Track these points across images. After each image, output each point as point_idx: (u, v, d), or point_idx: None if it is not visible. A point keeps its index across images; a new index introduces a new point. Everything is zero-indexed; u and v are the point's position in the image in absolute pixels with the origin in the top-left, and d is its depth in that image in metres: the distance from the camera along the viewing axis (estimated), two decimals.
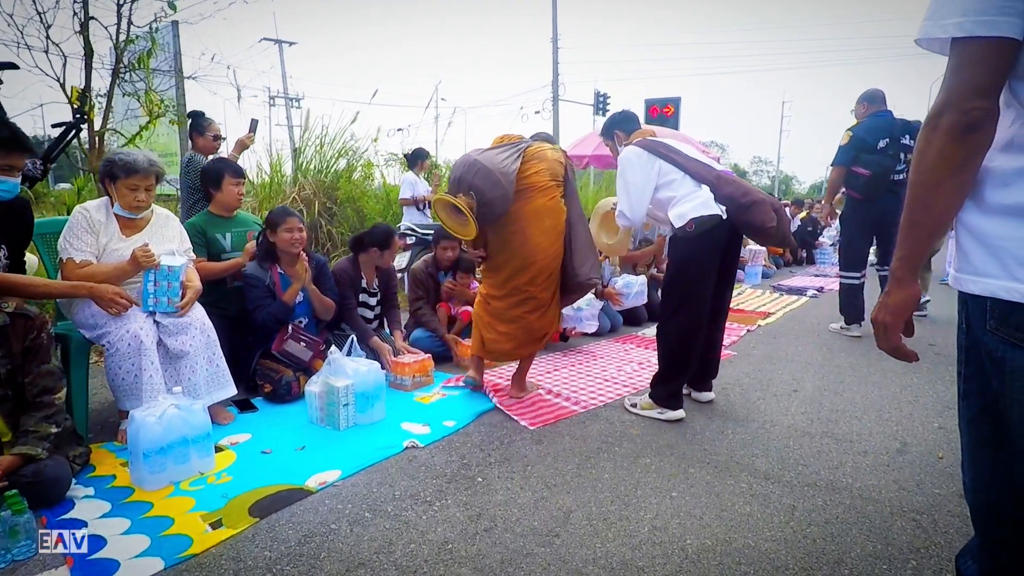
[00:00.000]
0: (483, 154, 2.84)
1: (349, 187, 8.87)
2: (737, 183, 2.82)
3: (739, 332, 4.77)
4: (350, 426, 2.73)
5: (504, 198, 2.77)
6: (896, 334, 1.14)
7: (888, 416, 2.94)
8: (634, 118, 3.23)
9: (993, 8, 0.89)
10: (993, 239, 0.98)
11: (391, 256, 3.68)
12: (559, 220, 2.92)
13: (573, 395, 3.19)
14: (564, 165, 2.99)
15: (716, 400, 3.11)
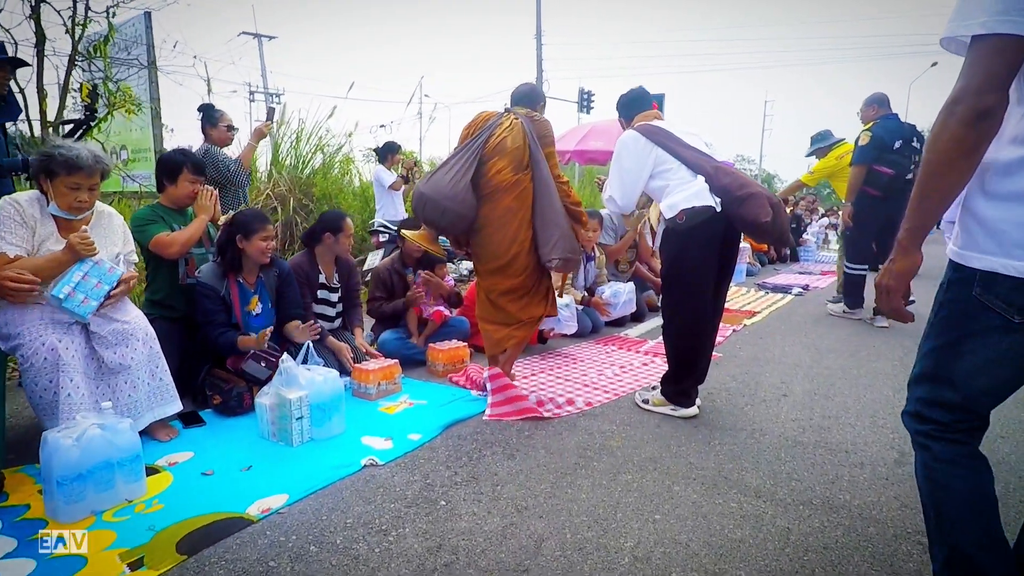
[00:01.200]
0: (430, 180, 2.80)
1: (325, 184, 8.59)
2: (735, 175, 2.64)
3: (724, 332, 4.59)
4: (304, 442, 2.50)
5: (459, 219, 2.76)
6: (898, 297, 1.30)
7: (883, 422, 2.77)
8: (642, 98, 3.01)
9: (1012, 9, 1.02)
10: (994, 222, 1.15)
11: (347, 241, 3.42)
12: (527, 212, 2.85)
13: (549, 401, 2.98)
14: (526, 144, 2.81)
15: (702, 406, 2.92)
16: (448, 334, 3.81)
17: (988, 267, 1.16)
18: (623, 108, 3.04)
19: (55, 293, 2.13)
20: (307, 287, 3.32)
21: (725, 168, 2.64)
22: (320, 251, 3.43)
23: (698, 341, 2.78)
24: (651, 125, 2.78)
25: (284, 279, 3.08)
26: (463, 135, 2.92)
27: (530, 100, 3.01)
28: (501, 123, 2.84)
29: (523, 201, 2.82)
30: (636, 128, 2.78)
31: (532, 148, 2.82)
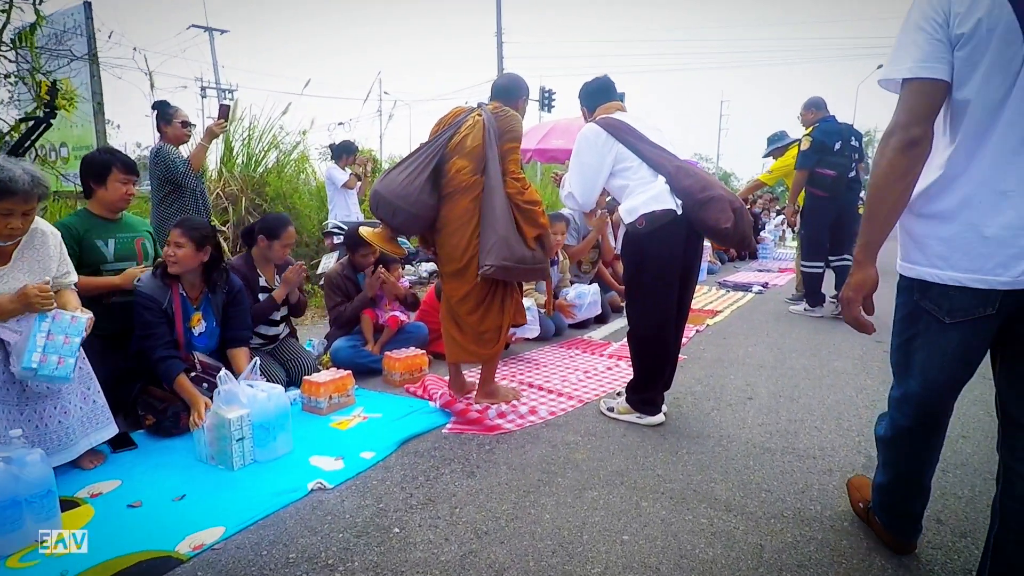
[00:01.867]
0: (384, 179, 2.71)
1: (280, 183, 8.28)
2: (697, 176, 2.54)
3: (688, 333, 4.54)
4: (246, 465, 2.30)
5: (411, 219, 2.69)
6: (857, 308, 1.44)
7: (848, 424, 2.74)
8: (607, 88, 2.87)
9: (930, 58, 1.25)
10: (921, 237, 1.37)
11: (282, 250, 3.21)
12: None
13: (512, 411, 2.85)
14: (483, 143, 2.67)
15: (669, 412, 2.84)
16: (405, 341, 3.64)
17: (919, 276, 1.39)
18: (587, 97, 2.90)
19: (26, 366, 1.92)
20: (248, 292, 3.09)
21: (687, 168, 2.55)
22: (256, 253, 3.22)
23: (663, 348, 2.69)
24: (613, 118, 2.66)
25: (233, 297, 2.84)
26: (433, 130, 2.81)
27: (509, 93, 2.87)
28: (467, 120, 2.73)
29: (479, 204, 2.70)
30: (597, 121, 2.66)
31: (487, 147, 2.68)
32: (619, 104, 2.83)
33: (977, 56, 1.23)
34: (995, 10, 1.18)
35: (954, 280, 1.32)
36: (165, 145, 3.68)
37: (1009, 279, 1.26)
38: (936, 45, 1.26)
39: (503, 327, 2.87)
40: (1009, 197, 1.25)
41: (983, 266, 1.28)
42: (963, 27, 1.22)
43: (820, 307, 5.30)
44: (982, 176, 1.28)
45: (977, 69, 1.24)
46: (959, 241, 1.30)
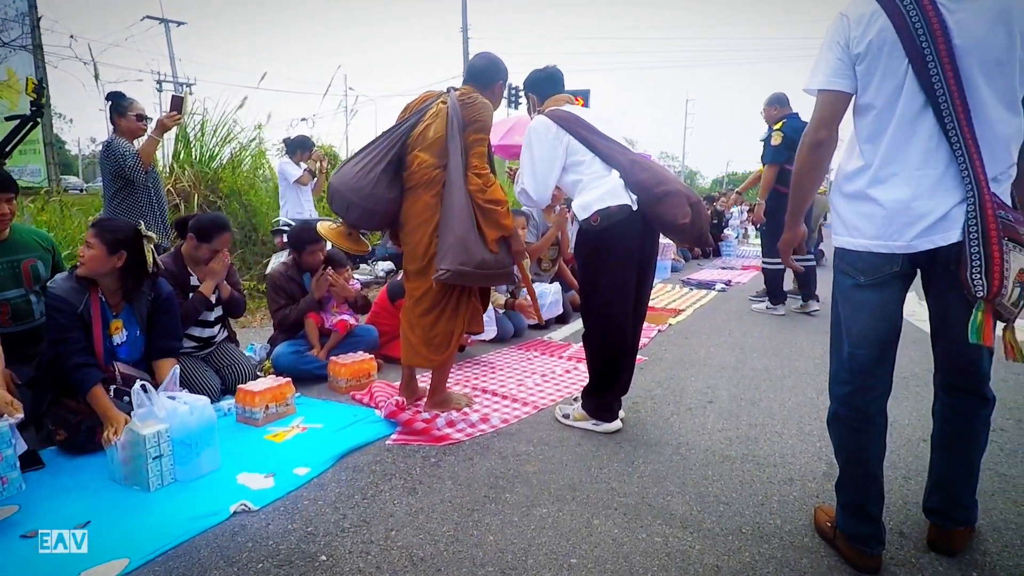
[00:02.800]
0: (340, 171, 2.57)
1: (234, 179, 7.95)
2: (653, 170, 2.42)
3: (650, 333, 4.45)
4: (165, 485, 2.10)
5: (367, 215, 2.55)
6: (788, 254, 1.88)
7: (809, 428, 2.66)
8: (556, 79, 2.74)
9: (837, 74, 1.54)
10: (843, 213, 1.63)
11: (211, 254, 2.95)
12: None
13: (462, 419, 2.69)
14: (445, 134, 2.48)
15: (627, 418, 2.72)
16: (354, 345, 3.45)
17: (841, 244, 1.65)
18: (534, 86, 2.75)
19: None
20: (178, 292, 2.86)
21: (642, 162, 2.43)
22: (186, 250, 2.99)
23: (620, 350, 2.57)
24: (562, 110, 2.54)
25: (160, 305, 2.60)
26: (400, 117, 2.65)
27: (484, 76, 2.65)
28: (431, 108, 2.56)
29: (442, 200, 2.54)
30: (547, 113, 2.53)
31: (449, 138, 2.48)
32: (568, 97, 2.69)
33: (872, 68, 1.51)
34: (882, 32, 1.48)
35: (864, 247, 1.57)
36: (117, 138, 3.48)
37: (904, 243, 1.52)
38: (840, 63, 1.55)
39: (455, 333, 2.69)
40: (900, 180, 1.52)
41: (883, 233, 1.54)
42: (859, 47, 1.51)
43: (782, 305, 5.28)
44: (881, 164, 1.54)
45: (873, 79, 1.52)
46: (866, 214, 1.57)
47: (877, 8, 1.47)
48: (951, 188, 1.46)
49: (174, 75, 24.91)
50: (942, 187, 1.47)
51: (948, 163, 1.46)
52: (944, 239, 1.47)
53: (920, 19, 1.42)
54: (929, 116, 1.47)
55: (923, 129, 1.48)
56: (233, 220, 7.40)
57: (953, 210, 1.46)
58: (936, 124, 1.46)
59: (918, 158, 1.49)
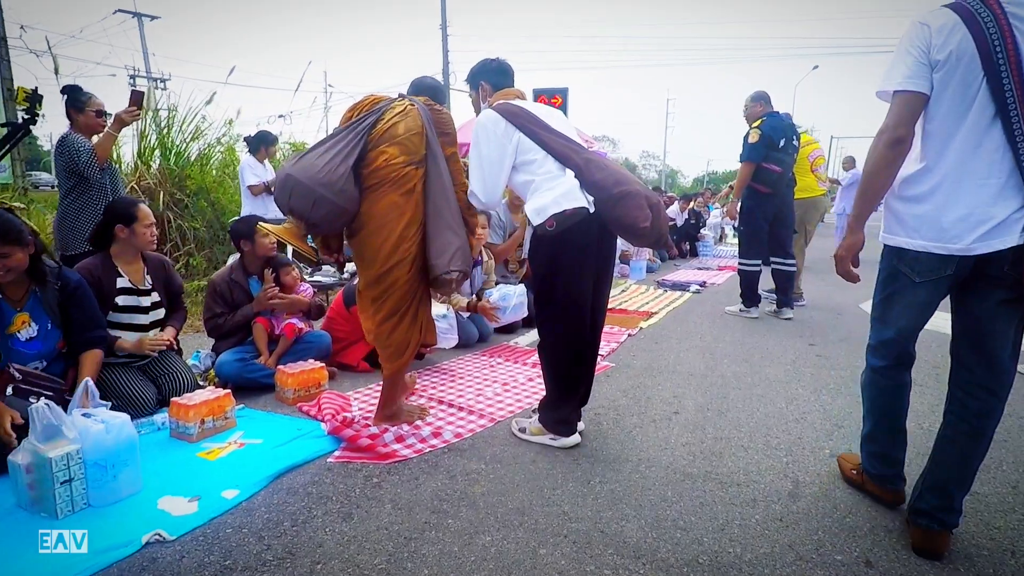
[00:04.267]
0: (300, 161, 2.30)
1: (202, 176, 7.69)
2: (609, 169, 2.25)
3: (619, 337, 4.33)
4: (75, 512, 1.92)
5: (336, 213, 2.31)
6: (848, 263, 1.85)
7: (777, 442, 2.54)
8: (506, 71, 2.57)
9: (916, 76, 1.64)
10: (901, 214, 1.74)
11: (146, 231, 2.78)
12: (418, 214, 2.42)
13: (412, 433, 2.53)
14: (423, 132, 2.41)
15: (588, 431, 2.59)
16: (304, 352, 3.27)
17: (898, 244, 1.75)
18: (487, 75, 2.55)
19: None
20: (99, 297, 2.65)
21: (597, 161, 2.27)
22: (117, 250, 2.79)
23: (578, 361, 2.43)
24: (511, 104, 2.37)
25: (71, 295, 2.44)
26: (345, 117, 2.46)
27: (438, 93, 2.61)
28: (393, 107, 2.42)
29: (412, 200, 2.40)
30: (495, 107, 2.36)
31: (430, 139, 2.41)
32: (518, 92, 2.52)
33: (949, 77, 1.60)
34: (962, 44, 1.57)
35: (923, 247, 1.68)
36: (72, 134, 3.31)
37: (962, 246, 1.62)
38: (920, 67, 1.63)
39: (412, 343, 2.55)
40: (964, 186, 1.62)
41: (944, 236, 1.64)
42: (940, 55, 1.60)
43: (755, 308, 5.17)
44: (947, 170, 1.64)
45: (948, 87, 1.61)
46: (929, 218, 1.66)
47: (958, 21, 1.58)
48: (1012, 196, 1.57)
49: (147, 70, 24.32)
50: (1004, 195, 1.58)
51: (1011, 173, 1.57)
52: (1003, 243, 1.58)
53: (998, 35, 1.54)
54: (998, 127, 1.57)
55: (991, 139, 1.58)
56: (201, 218, 7.17)
57: (1012, 216, 1.57)
58: (1004, 135, 1.56)
59: (984, 167, 1.59)
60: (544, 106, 2.47)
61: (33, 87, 4.06)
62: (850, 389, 3.23)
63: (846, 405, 2.98)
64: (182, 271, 6.60)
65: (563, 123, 2.41)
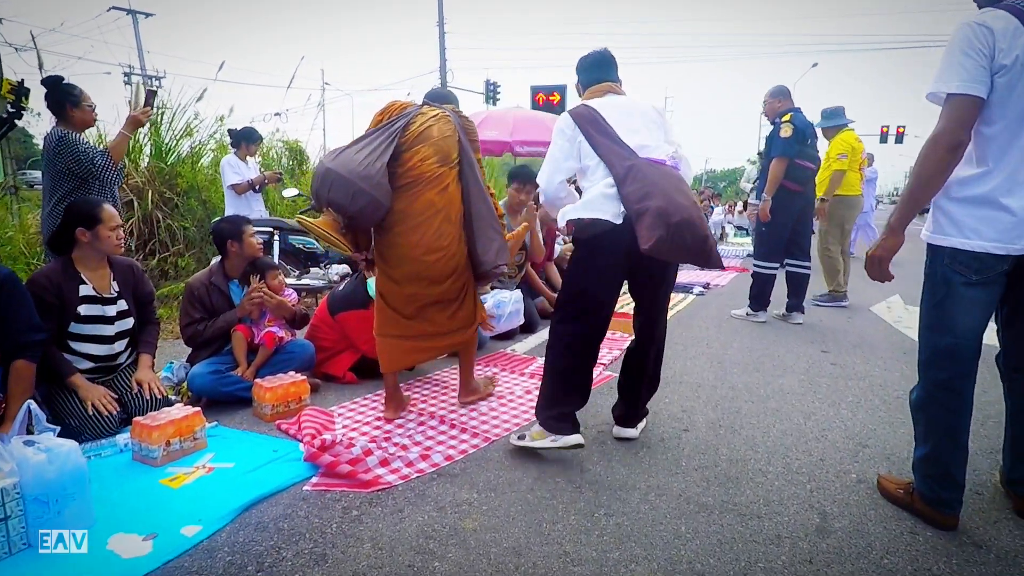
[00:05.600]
0: (339, 156, 2.39)
1: (193, 174, 7.47)
2: (644, 181, 2.12)
3: (621, 344, 4.10)
4: (12, 553, 1.69)
5: (373, 206, 2.40)
6: (887, 265, 1.83)
7: (798, 464, 2.32)
8: (597, 65, 2.50)
9: (973, 79, 1.60)
10: (955, 216, 1.72)
11: (110, 235, 2.56)
12: (453, 211, 2.56)
13: (398, 455, 2.31)
14: (457, 137, 2.56)
15: (590, 455, 2.37)
16: (285, 363, 3.05)
17: (951, 245, 1.71)
18: (579, 72, 2.56)
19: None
20: (59, 306, 2.43)
21: (639, 171, 2.15)
22: (80, 256, 2.57)
23: (583, 360, 2.39)
24: (586, 106, 2.34)
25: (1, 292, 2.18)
26: (375, 120, 2.57)
27: (448, 100, 2.73)
28: (424, 112, 2.55)
29: (447, 198, 2.53)
30: (572, 109, 2.37)
31: (464, 145, 2.57)
32: (611, 85, 2.45)
33: (1013, 81, 1.59)
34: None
35: (982, 248, 1.67)
36: (70, 132, 3.14)
37: (1021, 247, 1.64)
38: (980, 71, 1.59)
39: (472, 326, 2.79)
40: None
41: (1005, 236, 1.65)
42: (1006, 59, 1.58)
43: (764, 312, 4.94)
44: (1008, 171, 1.64)
45: (1013, 91, 1.60)
46: (990, 219, 1.66)
47: (1019, 24, 1.58)
48: None
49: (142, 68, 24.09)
50: None
51: None
52: None
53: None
54: None
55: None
56: (191, 218, 6.94)
57: None
58: None
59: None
60: (624, 103, 2.38)
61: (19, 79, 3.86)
62: (870, 402, 3.01)
63: (868, 421, 2.76)
64: (171, 272, 6.38)
65: (633, 122, 2.30)
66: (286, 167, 10.58)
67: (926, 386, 1.82)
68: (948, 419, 1.79)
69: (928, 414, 1.83)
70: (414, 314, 2.63)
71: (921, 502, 1.89)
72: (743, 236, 12.53)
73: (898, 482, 2.03)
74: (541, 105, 11.11)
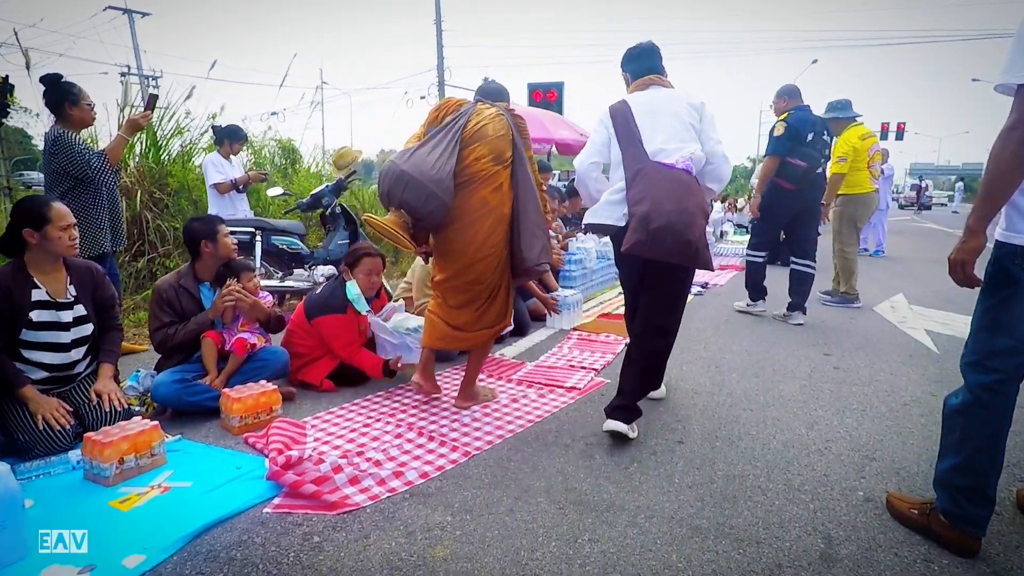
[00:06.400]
0: (411, 158, 2.43)
1: (184, 173, 7.31)
2: (642, 186, 2.31)
3: (615, 347, 3.94)
4: None
5: (442, 208, 2.46)
6: (970, 268, 1.66)
7: (800, 481, 2.15)
8: (641, 56, 2.65)
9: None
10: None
11: (61, 235, 2.39)
12: (505, 209, 2.58)
13: (370, 473, 2.15)
14: (511, 136, 2.57)
15: (576, 471, 2.21)
16: (256, 371, 2.89)
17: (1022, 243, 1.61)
18: (625, 63, 2.70)
19: None
20: (9, 312, 2.26)
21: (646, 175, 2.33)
22: (32, 258, 2.41)
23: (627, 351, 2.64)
24: (622, 103, 2.53)
25: None
26: (431, 117, 2.63)
27: (500, 96, 2.74)
28: (478, 110, 2.59)
29: (500, 197, 2.55)
30: (612, 106, 2.55)
31: (516, 143, 2.58)
32: (652, 78, 2.60)
33: None
34: None
35: None
36: (67, 131, 3.13)
37: None
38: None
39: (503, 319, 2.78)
40: None
41: None
42: None
43: (762, 301, 5.00)
44: None
45: None
46: None
47: None
48: None
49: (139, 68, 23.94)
50: None
51: None
52: None
53: None
54: None
55: None
56: (181, 218, 6.76)
57: None
58: None
59: None
60: (658, 100, 2.50)
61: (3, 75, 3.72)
62: (876, 410, 2.85)
63: (875, 431, 2.60)
64: (159, 273, 6.21)
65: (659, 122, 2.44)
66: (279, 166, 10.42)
67: (972, 389, 1.70)
68: (991, 424, 1.68)
69: (969, 419, 1.71)
70: (459, 304, 2.68)
71: (942, 522, 1.75)
72: (743, 234, 12.35)
73: (911, 501, 1.90)
74: (539, 102, 10.94)
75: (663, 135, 2.40)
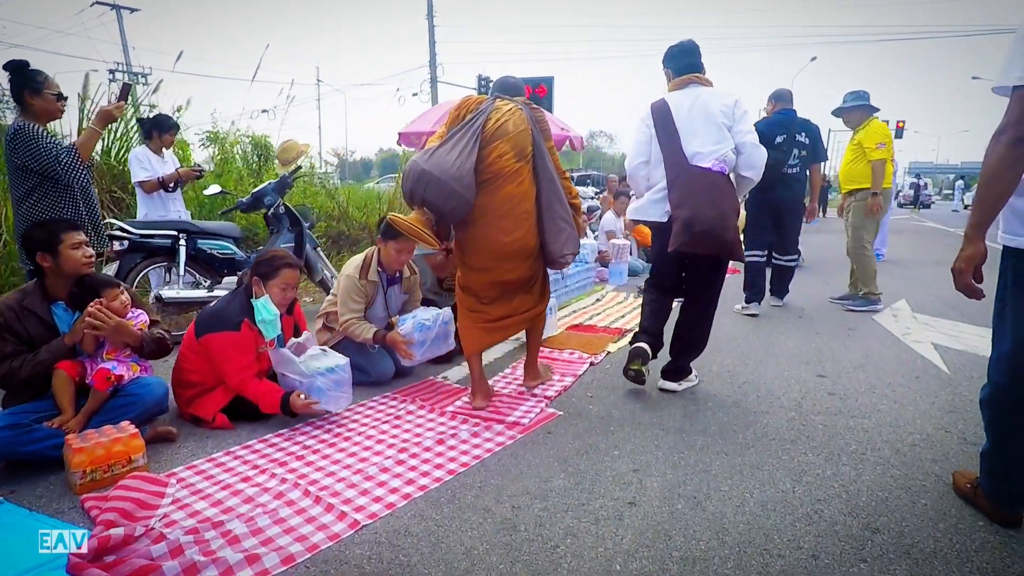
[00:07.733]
0: (432, 157, 2.44)
1: None
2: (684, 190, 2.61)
3: (577, 368, 3.42)
4: None
5: (464, 205, 2.47)
6: (968, 277, 1.66)
7: (780, 566, 1.63)
8: (683, 53, 2.80)
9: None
10: None
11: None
12: (529, 205, 2.59)
13: (217, 556, 1.63)
14: (531, 130, 2.57)
15: (487, 557, 1.70)
16: (123, 410, 2.35)
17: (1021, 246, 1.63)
18: (667, 60, 2.86)
19: None
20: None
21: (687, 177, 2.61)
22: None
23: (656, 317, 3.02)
24: (664, 102, 2.72)
25: None
26: (452, 116, 2.59)
27: (517, 91, 2.73)
28: (497, 107, 2.57)
29: (524, 191, 2.56)
30: (653, 104, 2.73)
31: (536, 137, 2.60)
32: (692, 76, 2.75)
33: None
34: None
35: None
36: (30, 124, 2.82)
37: None
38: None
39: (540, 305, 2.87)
40: None
41: None
42: None
43: (757, 303, 4.91)
44: None
45: None
46: None
47: None
48: None
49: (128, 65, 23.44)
50: None
51: None
52: None
53: None
54: None
55: None
56: None
57: None
58: None
59: None
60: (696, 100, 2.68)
61: None
62: (879, 453, 2.34)
63: (878, 484, 2.08)
64: None
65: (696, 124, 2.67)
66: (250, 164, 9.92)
67: (990, 385, 1.77)
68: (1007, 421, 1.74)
69: (992, 414, 1.78)
70: (496, 298, 2.72)
71: (984, 498, 1.86)
72: None
73: (969, 476, 1.98)
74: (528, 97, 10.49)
75: (699, 139, 2.65)
